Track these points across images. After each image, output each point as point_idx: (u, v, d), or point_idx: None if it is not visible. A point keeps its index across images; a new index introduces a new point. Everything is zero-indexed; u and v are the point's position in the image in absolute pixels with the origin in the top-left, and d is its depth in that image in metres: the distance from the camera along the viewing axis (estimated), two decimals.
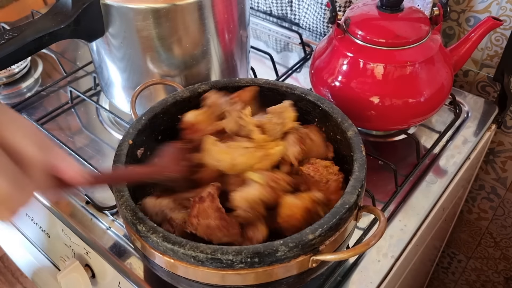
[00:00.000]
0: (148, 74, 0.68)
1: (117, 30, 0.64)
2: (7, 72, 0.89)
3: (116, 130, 0.79)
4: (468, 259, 1.21)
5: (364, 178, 0.50)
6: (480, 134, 0.77)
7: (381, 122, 0.69)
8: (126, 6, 0.61)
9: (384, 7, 0.67)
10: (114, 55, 0.68)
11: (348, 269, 0.59)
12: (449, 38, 0.87)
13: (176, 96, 0.60)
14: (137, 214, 0.46)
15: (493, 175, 0.99)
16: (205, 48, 0.68)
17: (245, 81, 0.62)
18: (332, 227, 0.45)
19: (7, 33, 0.58)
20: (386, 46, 0.65)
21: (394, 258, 0.60)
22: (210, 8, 0.65)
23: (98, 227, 0.65)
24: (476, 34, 0.69)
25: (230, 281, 0.45)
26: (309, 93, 0.60)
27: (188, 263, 0.44)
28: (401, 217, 0.65)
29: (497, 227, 1.07)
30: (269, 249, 0.43)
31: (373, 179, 0.69)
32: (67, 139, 0.76)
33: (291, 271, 0.45)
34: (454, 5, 0.83)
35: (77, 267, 0.66)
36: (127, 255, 0.62)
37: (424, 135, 0.77)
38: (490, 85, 0.87)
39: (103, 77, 0.74)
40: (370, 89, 0.66)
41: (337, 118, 0.57)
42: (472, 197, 1.06)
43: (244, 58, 0.77)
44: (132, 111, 0.62)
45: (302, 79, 0.89)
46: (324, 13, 0.93)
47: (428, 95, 0.66)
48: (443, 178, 0.70)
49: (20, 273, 1.62)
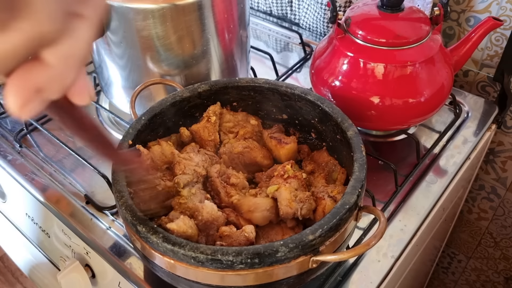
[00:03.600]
0: (148, 74, 0.68)
1: (117, 30, 0.64)
2: None
3: (116, 130, 0.79)
4: (468, 259, 1.21)
5: (364, 178, 0.50)
6: (480, 134, 0.77)
7: (381, 122, 0.68)
8: (126, 6, 0.61)
9: (385, 7, 0.67)
10: (114, 55, 0.68)
11: (348, 269, 0.59)
12: (449, 38, 0.87)
13: (176, 96, 0.60)
14: (137, 215, 0.46)
15: (493, 175, 0.99)
16: (205, 48, 0.68)
17: (245, 81, 0.62)
18: (332, 228, 0.45)
19: None
20: (386, 46, 0.65)
21: (394, 258, 0.60)
22: (210, 8, 0.65)
23: (98, 227, 0.65)
24: (476, 34, 0.69)
25: (230, 282, 0.45)
26: (309, 93, 0.60)
27: (188, 264, 0.44)
28: (401, 217, 0.64)
29: (497, 227, 1.07)
30: (269, 250, 0.43)
31: (373, 179, 0.69)
32: (67, 139, 0.76)
33: (291, 272, 0.45)
34: (454, 5, 0.82)
35: (77, 267, 0.66)
36: (127, 255, 0.61)
37: (424, 135, 0.77)
38: (490, 85, 0.87)
39: (103, 77, 0.74)
40: (370, 89, 0.66)
41: (337, 118, 0.57)
42: (472, 197, 1.06)
43: (244, 58, 0.77)
44: (132, 111, 0.62)
45: (302, 79, 0.89)
46: (324, 13, 0.92)
47: (428, 95, 0.66)
48: (443, 178, 0.70)
49: (20, 273, 1.62)
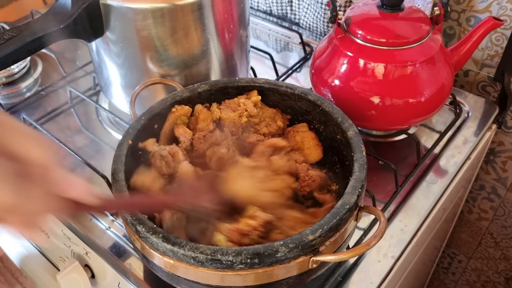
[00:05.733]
0: (147, 74, 0.68)
1: (117, 30, 0.64)
2: (6, 72, 0.89)
3: (115, 130, 0.79)
4: (468, 259, 1.20)
5: (365, 179, 0.50)
6: (481, 134, 0.76)
7: (382, 122, 0.68)
8: (126, 6, 0.61)
9: (385, 6, 0.67)
10: (114, 55, 0.68)
11: (348, 269, 0.59)
12: (450, 38, 0.87)
13: (176, 96, 0.60)
14: (137, 215, 0.46)
15: (494, 175, 0.99)
16: (205, 48, 0.68)
17: (245, 81, 0.62)
18: (332, 228, 0.45)
19: (6, 33, 0.58)
20: (386, 46, 0.65)
21: (395, 259, 0.60)
22: (210, 8, 0.64)
23: (97, 227, 0.65)
24: (476, 34, 0.68)
25: (230, 282, 0.45)
26: (309, 93, 0.60)
27: (187, 264, 0.44)
28: (401, 217, 0.64)
29: (498, 227, 1.07)
30: (269, 250, 0.43)
31: (373, 179, 0.68)
32: (66, 139, 0.76)
33: (291, 272, 0.45)
34: (455, 5, 0.82)
35: (77, 267, 0.66)
36: (126, 255, 0.61)
37: (425, 135, 0.76)
38: (490, 85, 0.86)
39: (103, 77, 0.74)
40: (370, 89, 0.65)
41: (337, 118, 0.57)
42: (472, 197, 1.06)
43: (244, 58, 0.77)
44: (132, 111, 0.62)
45: (302, 79, 0.88)
46: (324, 13, 0.92)
47: (429, 95, 0.66)
48: (444, 178, 0.69)
49: (19, 273, 1.62)
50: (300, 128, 0.61)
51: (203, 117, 0.60)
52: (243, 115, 0.60)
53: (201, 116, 0.60)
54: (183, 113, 0.60)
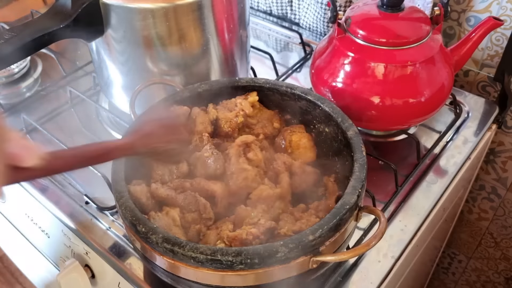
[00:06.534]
0: (147, 74, 0.68)
1: (117, 30, 0.64)
2: (6, 72, 0.89)
3: (115, 130, 0.79)
4: (468, 260, 1.20)
5: (365, 179, 0.50)
6: (481, 134, 0.76)
7: (382, 122, 0.68)
8: (126, 6, 0.61)
9: (385, 6, 0.67)
10: (114, 55, 0.68)
11: (348, 269, 0.59)
12: (450, 38, 0.87)
13: (176, 96, 0.60)
14: (137, 215, 0.46)
15: (494, 175, 0.99)
16: (205, 48, 0.68)
17: (245, 81, 0.62)
18: (332, 228, 0.45)
19: (6, 33, 0.58)
20: (386, 46, 0.65)
21: (395, 259, 0.60)
22: (210, 7, 0.64)
23: (98, 227, 0.65)
24: (476, 34, 0.68)
25: (230, 282, 0.45)
26: (309, 93, 0.60)
27: (187, 264, 0.44)
28: (401, 217, 0.64)
29: (498, 227, 1.07)
30: (269, 250, 0.43)
31: (373, 179, 0.68)
32: (66, 139, 0.76)
33: (291, 272, 0.45)
34: (455, 5, 0.82)
35: (77, 267, 0.66)
36: (126, 256, 0.61)
37: (425, 135, 0.76)
38: (490, 85, 0.86)
39: (103, 77, 0.74)
40: (370, 89, 0.65)
41: (337, 118, 0.57)
42: (472, 197, 1.06)
43: (244, 58, 0.77)
44: (132, 111, 0.62)
45: (302, 79, 0.88)
46: (324, 13, 0.92)
47: (429, 95, 0.66)
48: (444, 178, 0.69)
49: (19, 273, 1.62)
50: (297, 128, 0.61)
51: (201, 120, 0.60)
52: (239, 114, 0.60)
53: (198, 119, 0.60)
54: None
